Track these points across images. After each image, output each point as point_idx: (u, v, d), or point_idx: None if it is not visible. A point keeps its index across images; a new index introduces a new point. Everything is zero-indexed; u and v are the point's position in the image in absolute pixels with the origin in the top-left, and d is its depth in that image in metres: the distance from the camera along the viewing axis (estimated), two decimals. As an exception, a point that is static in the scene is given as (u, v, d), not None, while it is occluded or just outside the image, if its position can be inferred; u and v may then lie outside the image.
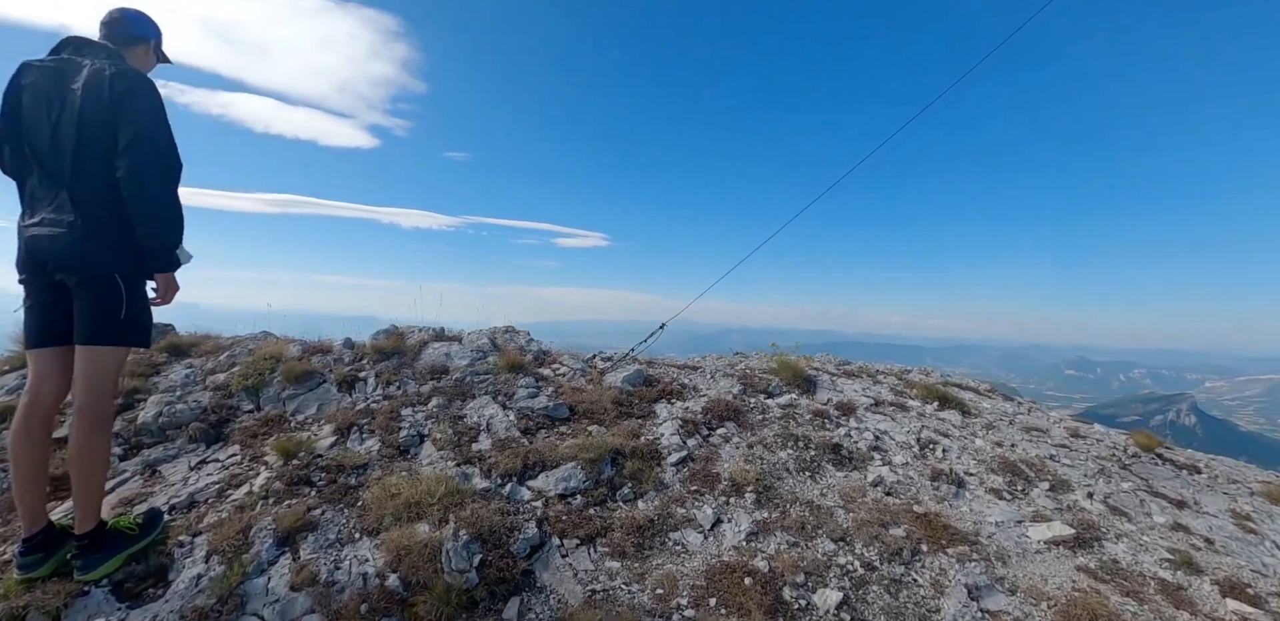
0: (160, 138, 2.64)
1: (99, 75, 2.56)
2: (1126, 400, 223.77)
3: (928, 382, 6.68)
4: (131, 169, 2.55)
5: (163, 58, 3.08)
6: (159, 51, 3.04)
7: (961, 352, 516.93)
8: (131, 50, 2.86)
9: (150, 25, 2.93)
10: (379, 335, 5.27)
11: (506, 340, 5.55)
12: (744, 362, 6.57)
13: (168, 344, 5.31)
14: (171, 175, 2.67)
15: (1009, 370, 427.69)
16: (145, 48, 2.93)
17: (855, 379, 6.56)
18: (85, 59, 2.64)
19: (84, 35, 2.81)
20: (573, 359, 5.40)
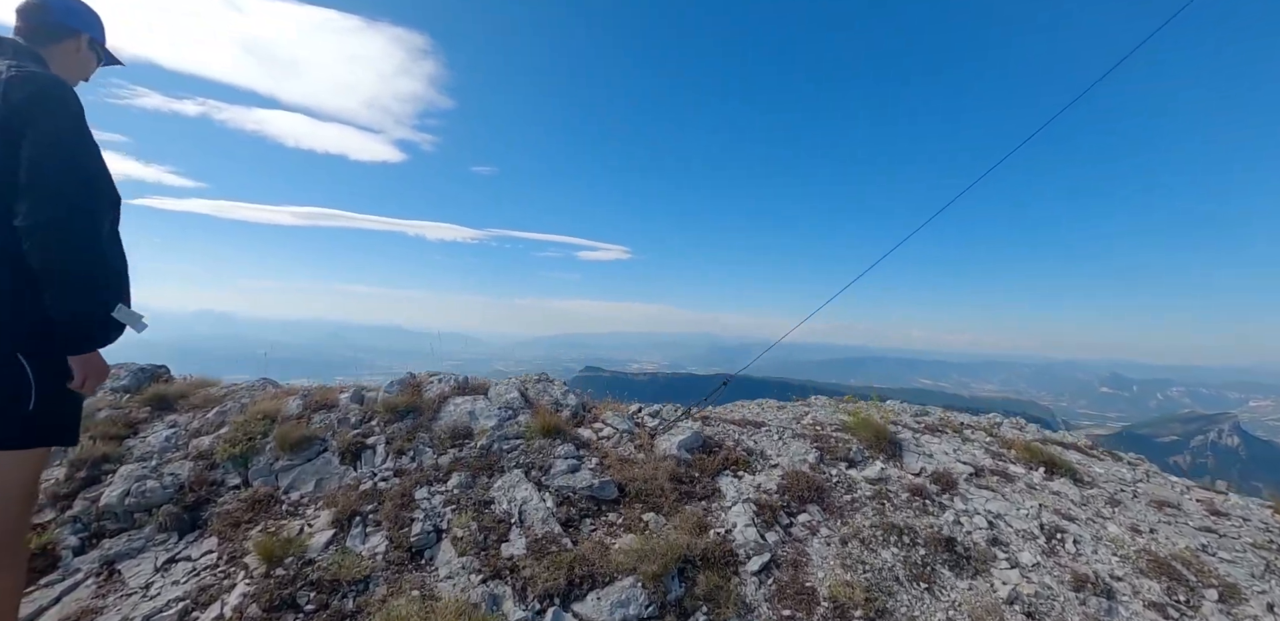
0: (77, 166, 1.90)
1: None
2: (1165, 419, 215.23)
3: (1025, 441, 5.74)
4: (33, 212, 1.81)
5: (108, 59, 2.35)
6: (99, 49, 2.29)
7: (990, 369, 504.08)
8: (55, 48, 2.12)
9: (84, 14, 2.20)
10: (393, 387, 4.52)
11: (539, 393, 4.76)
12: (810, 414, 5.71)
13: (153, 394, 4.63)
14: (89, 220, 1.91)
15: (1041, 387, 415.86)
16: (75, 43, 2.18)
17: (939, 435, 5.65)
18: None
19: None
20: (616, 416, 4.58)
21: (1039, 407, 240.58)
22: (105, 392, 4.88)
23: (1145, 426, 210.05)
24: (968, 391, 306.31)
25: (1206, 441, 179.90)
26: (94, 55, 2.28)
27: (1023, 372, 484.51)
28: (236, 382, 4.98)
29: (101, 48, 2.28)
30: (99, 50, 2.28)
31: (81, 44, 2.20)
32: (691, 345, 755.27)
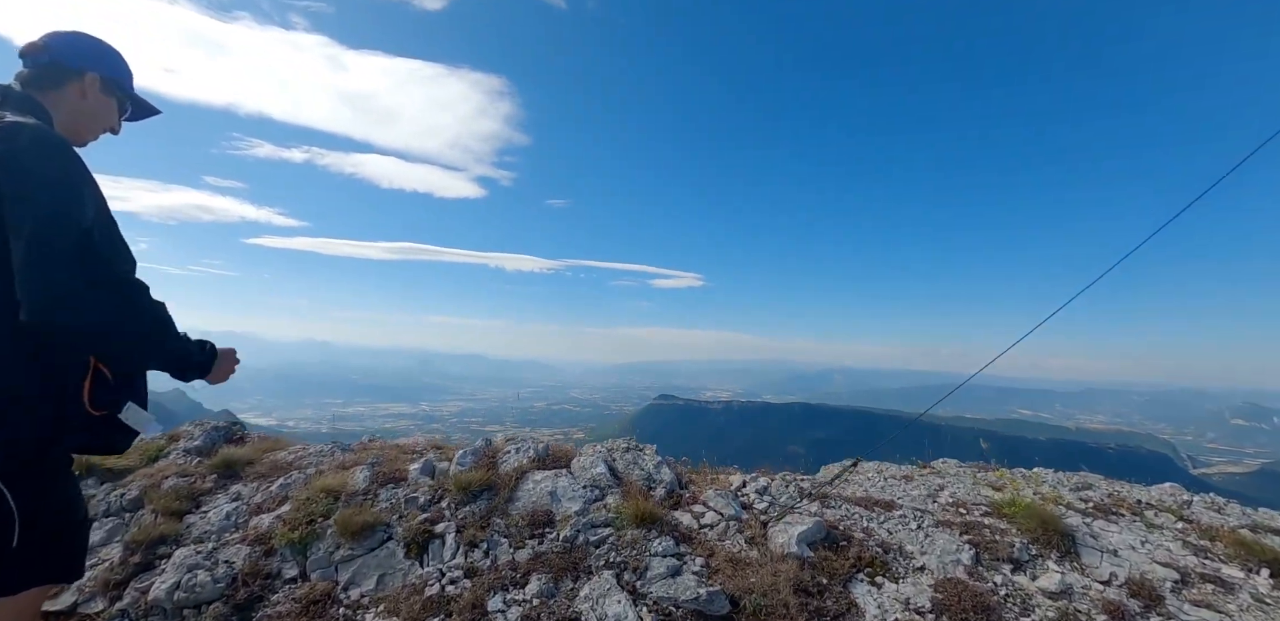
0: (69, 229, 1.48)
1: None
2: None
3: (1230, 528, 4.56)
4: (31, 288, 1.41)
5: (136, 104, 1.92)
6: (119, 92, 1.86)
7: (1096, 398, 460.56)
8: (58, 93, 1.71)
9: (93, 52, 1.77)
10: (466, 459, 4.03)
11: (628, 465, 4.14)
12: (945, 488, 4.77)
13: (221, 460, 4.36)
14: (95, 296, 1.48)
15: (1158, 418, 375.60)
16: (80, 86, 1.75)
17: (1115, 519, 4.56)
18: None
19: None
20: (719, 496, 3.88)
21: (1158, 441, 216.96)
22: (177, 455, 4.68)
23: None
24: (1073, 422, 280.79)
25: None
26: (111, 99, 1.84)
27: (1136, 402, 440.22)
28: (306, 446, 4.66)
29: (122, 90, 1.88)
30: (118, 93, 1.85)
31: (88, 86, 1.76)
32: (766, 372, 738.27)
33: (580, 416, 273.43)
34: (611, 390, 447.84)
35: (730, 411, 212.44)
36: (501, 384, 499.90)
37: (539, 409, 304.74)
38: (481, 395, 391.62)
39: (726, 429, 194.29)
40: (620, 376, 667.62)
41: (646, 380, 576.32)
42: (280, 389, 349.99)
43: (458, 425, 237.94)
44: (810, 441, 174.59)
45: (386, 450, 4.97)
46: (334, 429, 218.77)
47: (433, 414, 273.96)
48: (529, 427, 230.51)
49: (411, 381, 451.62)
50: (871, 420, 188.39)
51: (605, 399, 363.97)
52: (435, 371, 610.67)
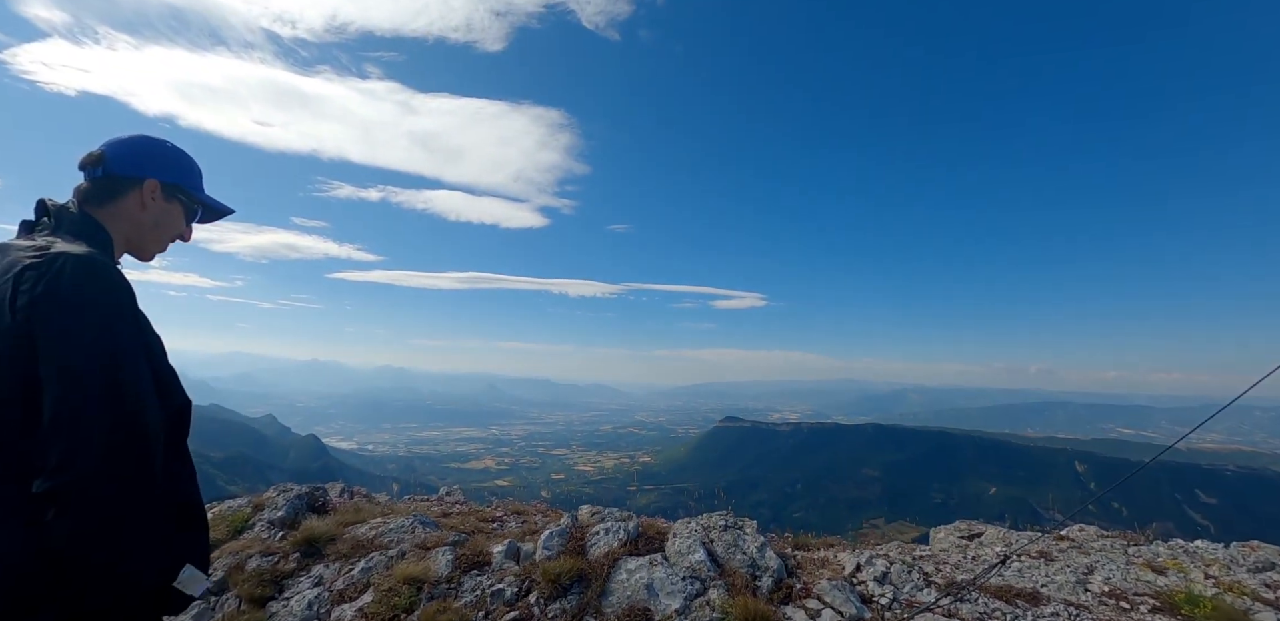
0: (118, 390, 1.29)
1: (7, 272, 1.29)
2: None
3: None
4: (64, 466, 1.26)
5: (206, 206, 1.74)
6: (187, 197, 1.68)
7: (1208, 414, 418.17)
8: (117, 205, 1.53)
9: (152, 156, 1.59)
10: (552, 543, 3.74)
11: (728, 548, 3.74)
12: (1095, 570, 4.10)
13: (304, 536, 4.25)
14: (137, 475, 1.29)
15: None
16: (139, 195, 1.56)
17: (1320, 613, 3.80)
18: (25, 240, 1.44)
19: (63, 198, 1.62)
20: (835, 588, 3.42)
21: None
22: (261, 526, 4.63)
23: None
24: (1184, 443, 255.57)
25: None
26: (176, 205, 1.65)
27: (1260, 418, 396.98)
28: (386, 520, 4.50)
29: (190, 195, 1.68)
30: (186, 199, 1.67)
31: (149, 194, 1.57)
32: (836, 392, 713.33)
33: (646, 440, 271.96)
34: (677, 413, 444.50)
35: (800, 434, 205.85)
36: (568, 408, 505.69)
37: (605, 432, 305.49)
38: (548, 418, 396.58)
39: (797, 452, 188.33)
40: (685, 399, 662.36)
41: (711, 402, 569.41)
42: (361, 414, 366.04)
43: (525, 449, 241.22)
44: (885, 465, 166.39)
45: (467, 519, 4.77)
46: (410, 452, 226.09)
47: (502, 438, 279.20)
48: (595, 451, 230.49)
49: (481, 406, 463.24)
50: (949, 441, 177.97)
51: (671, 422, 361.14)
52: (503, 396, 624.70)
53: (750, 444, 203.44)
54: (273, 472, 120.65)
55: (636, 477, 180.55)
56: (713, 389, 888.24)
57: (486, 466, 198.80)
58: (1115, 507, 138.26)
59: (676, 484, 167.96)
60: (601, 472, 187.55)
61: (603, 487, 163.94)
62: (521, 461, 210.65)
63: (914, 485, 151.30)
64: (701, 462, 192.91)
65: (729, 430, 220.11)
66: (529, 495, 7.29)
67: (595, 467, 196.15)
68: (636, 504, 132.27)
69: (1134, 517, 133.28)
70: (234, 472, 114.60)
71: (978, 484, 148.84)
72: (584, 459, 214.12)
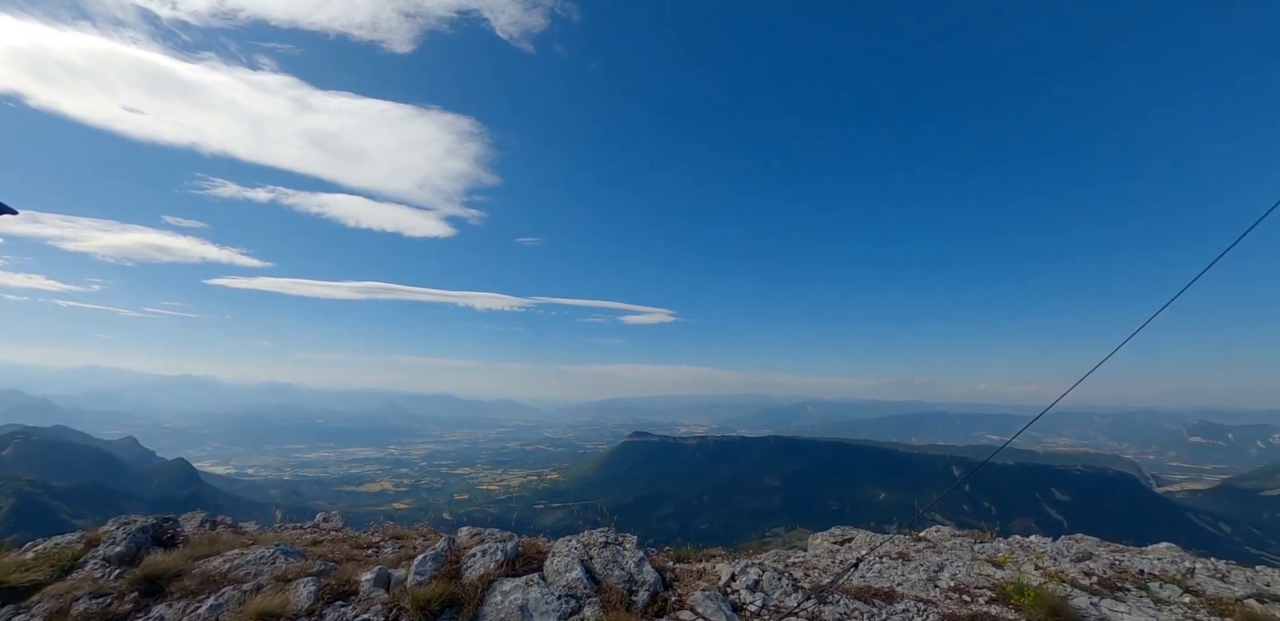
0: None
1: None
2: (1270, 470, 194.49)
3: (1237, 599, 4.37)
4: None
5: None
6: None
7: (1063, 420, 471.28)
8: None
9: None
10: (425, 567, 3.61)
11: (607, 564, 3.77)
12: (945, 568, 4.51)
13: (144, 573, 3.82)
14: None
15: (1121, 439, 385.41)
16: None
17: (1121, 595, 4.34)
18: None
19: None
20: (708, 599, 3.53)
21: (1123, 462, 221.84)
22: (94, 564, 4.13)
23: (1249, 479, 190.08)
24: (1040, 446, 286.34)
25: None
26: None
27: (1099, 423, 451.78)
28: (243, 551, 4.16)
29: None
30: None
31: None
32: (741, 406, 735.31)
33: (554, 456, 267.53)
34: (585, 428, 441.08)
35: (706, 447, 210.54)
36: (472, 425, 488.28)
37: (512, 449, 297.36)
38: (451, 436, 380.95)
39: (703, 464, 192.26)
40: (594, 414, 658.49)
41: (621, 417, 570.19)
42: (240, 435, 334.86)
43: (426, 469, 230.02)
44: (786, 475, 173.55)
45: (339, 546, 4.50)
46: (296, 476, 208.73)
47: (401, 457, 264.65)
48: (501, 469, 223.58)
49: (378, 424, 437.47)
50: (844, 451, 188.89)
51: (579, 437, 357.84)
52: (403, 413, 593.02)
53: (658, 458, 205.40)
54: (130, 503, 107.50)
55: (544, 495, 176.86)
56: (621, 404, 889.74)
57: (383, 489, 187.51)
58: (986, 507, 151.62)
59: (585, 500, 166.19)
60: (508, 491, 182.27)
61: (509, 507, 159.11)
62: (422, 482, 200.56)
63: (812, 493, 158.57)
64: (610, 478, 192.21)
65: (638, 445, 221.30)
66: (429, 518, 6.97)
67: (501, 486, 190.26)
68: (543, 522, 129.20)
69: (1002, 515, 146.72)
70: (82, 504, 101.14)
71: (869, 490, 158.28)
72: (489, 477, 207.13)
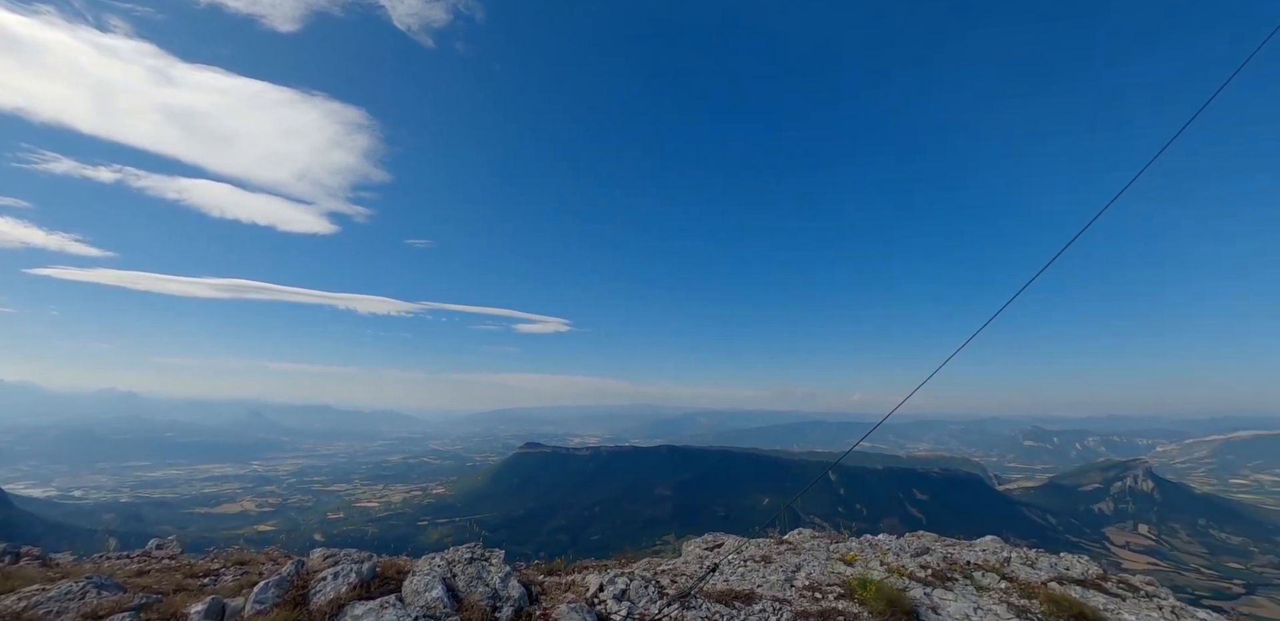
0: None
1: None
2: (1085, 469, 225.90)
3: (1042, 582, 5.01)
4: None
5: None
6: None
7: (922, 428, 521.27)
8: None
9: None
10: (267, 595, 3.32)
11: (471, 581, 3.66)
12: (802, 569, 4.80)
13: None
14: None
15: (970, 444, 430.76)
16: None
17: (950, 584, 4.84)
18: None
19: None
20: (575, 612, 3.52)
21: (972, 464, 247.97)
22: None
23: (1069, 476, 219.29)
24: (904, 451, 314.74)
25: (1125, 487, 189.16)
26: None
27: (952, 431, 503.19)
28: (45, 586, 3.63)
29: None
30: None
31: None
32: (634, 417, 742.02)
33: (441, 469, 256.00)
34: (475, 439, 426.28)
35: (599, 457, 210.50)
36: (351, 437, 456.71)
37: (394, 463, 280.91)
38: (326, 450, 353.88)
39: (596, 475, 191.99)
40: (484, 425, 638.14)
41: (513, 428, 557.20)
42: (66, 451, 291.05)
43: (296, 486, 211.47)
44: (677, 483, 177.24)
45: (169, 576, 4.03)
46: (137, 497, 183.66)
47: (266, 474, 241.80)
48: (382, 484, 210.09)
49: (241, 438, 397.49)
50: (731, 459, 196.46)
51: (468, 449, 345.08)
52: (271, 426, 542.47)
53: (551, 469, 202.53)
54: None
55: (429, 511, 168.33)
56: (514, 414, 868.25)
57: (244, 509, 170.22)
58: (858, 508, 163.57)
59: (473, 515, 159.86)
60: (389, 508, 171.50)
61: (389, 525, 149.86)
62: (291, 501, 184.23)
63: (701, 501, 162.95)
64: (501, 491, 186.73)
65: (530, 456, 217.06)
66: (299, 540, 6.40)
67: (381, 503, 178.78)
68: (427, 540, 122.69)
69: (871, 515, 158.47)
70: None
71: (754, 496, 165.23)
72: (368, 494, 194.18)
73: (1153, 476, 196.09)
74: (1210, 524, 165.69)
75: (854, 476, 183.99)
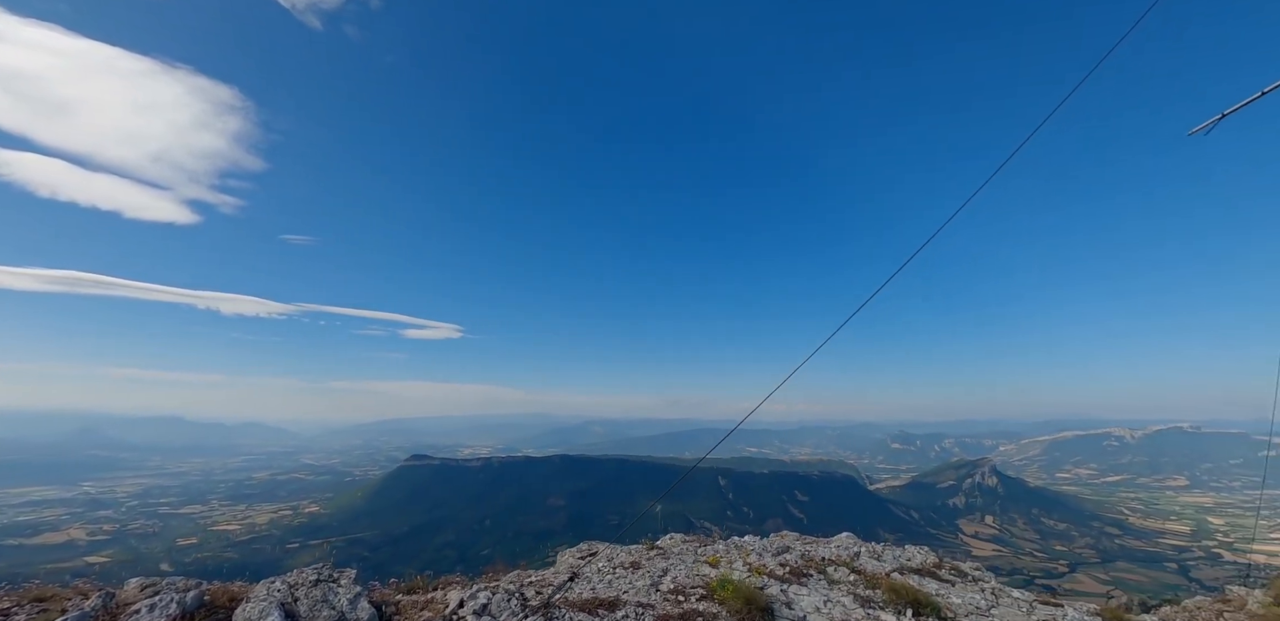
0: None
1: None
2: (942, 468, 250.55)
3: (885, 573, 5.46)
4: None
5: None
6: None
7: (805, 434, 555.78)
8: None
9: None
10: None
11: (315, 605, 3.41)
12: (669, 573, 4.92)
13: None
14: None
15: (846, 447, 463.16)
16: None
17: (805, 580, 5.15)
18: None
19: None
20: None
21: (848, 466, 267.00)
22: None
23: (928, 475, 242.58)
24: (788, 456, 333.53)
25: (974, 483, 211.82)
26: None
27: (830, 435, 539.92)
28: None
29: None
30: None
31: None
32: (527, 426, 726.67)
33: (315, 486, 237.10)
34: (355, 453, 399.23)
35: (490, 468, 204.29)
36: (207, 452, 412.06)
37: (260, 480, 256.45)
38: (176, 468, 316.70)
39: (487, 487, 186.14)
40: (367, 437, 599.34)
41: (398, 439, 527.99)
42: None
43: (138, 509, 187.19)
44: (571, 493, 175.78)
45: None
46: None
47: (100, 498, 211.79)
48: (245, 504, 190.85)
49: (69, 456, 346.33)
50: (625, 467, 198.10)
51: (347, 463, 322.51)
52: (107, 441, 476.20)
53: (439, 482, 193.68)
54: None
55: (300, 532, 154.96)
56: (399, 425, 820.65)
57: (71, 539, 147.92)
58: (745, 511, 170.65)
59: (351, 535, 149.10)
60: (252, 531, 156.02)
61: (252, 549, 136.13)
62: (131, 527, 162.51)
63: (596, 510, 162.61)
64: (384, 507, 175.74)
65: (416, 469, 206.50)
66: (140, 571, 5.58)
67: (244, 525, 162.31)
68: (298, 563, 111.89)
69: (757, 517, 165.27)
70: None
71: (647, 504, 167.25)
72: (227, 515, 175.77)
73: (996, 473, 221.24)
74: (1042, 512, 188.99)
75: (741, 480, 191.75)
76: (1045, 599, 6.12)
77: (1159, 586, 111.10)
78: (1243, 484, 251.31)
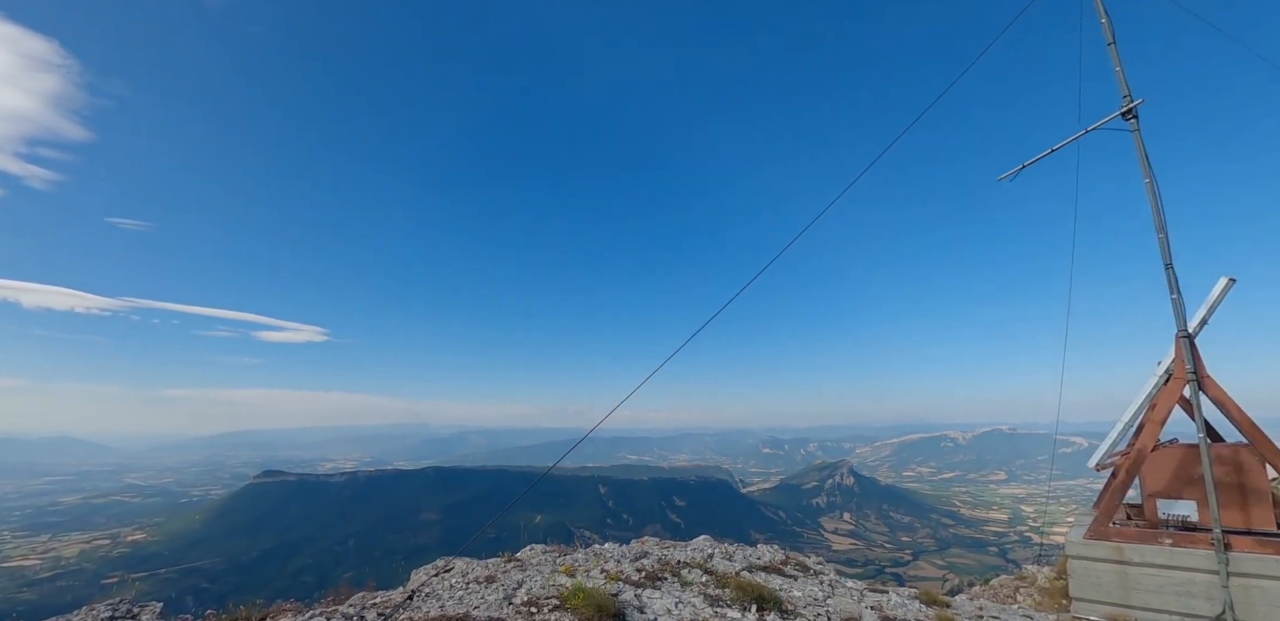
0: None
1: None
2: (807, 470, 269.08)
3: (735, 573, 5.79)
4: None
5: None
6: None
7: (683, 440, 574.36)
8: None
9: None
10: None
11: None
12: (525, 584, 4.88)
13: None
14: None
15: (722, 453, 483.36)
16: None
17: (660, 583, 5.33)
18: None
19: None
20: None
21: (723, 471, 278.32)
22: None
23: (795, 477, 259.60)
24: (667, 462, 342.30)
25: (834, 483, 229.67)
26: None
27: (708, 442, 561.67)
28: None
29: None
30: None
31: None
32: (401, 437, 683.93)
33: (141, 509, 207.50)
34: (193, 470, 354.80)
35: (355, 483, 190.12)
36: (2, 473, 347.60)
37: (69, 505, 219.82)
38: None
39: (351, 504, 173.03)
40: (208, 452, 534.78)
41: (247, 454, 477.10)
42: None
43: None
44: (446, 507, 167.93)
45: None
46: None
47: None
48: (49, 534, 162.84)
49: None
50: (505, 478, 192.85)
51: (182, 482, 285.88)
52: None
53: (295, 500, 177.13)
54: None
55: (121, 564, 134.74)
56: (250, 438, 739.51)
57: None
58: (625, 518, 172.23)
59: (186, 564, 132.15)
60: (56, 566, 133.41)
61: (56, 587, 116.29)
62: None
63: (473, 523, 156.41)
64: (227, 531, 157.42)
65: (267, 486, 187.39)
66: None
67: (45, 559, 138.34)
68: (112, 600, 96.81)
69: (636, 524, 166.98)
70: None
71: (527, 514, 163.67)
72: (24, 548, 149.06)
73: (853, 473, 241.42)
74: (891, 508, 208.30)
75: (622, 488, 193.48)
76: (874, 586, 6.78)
77: (984, 568, 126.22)
78: (1048, 477, 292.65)
